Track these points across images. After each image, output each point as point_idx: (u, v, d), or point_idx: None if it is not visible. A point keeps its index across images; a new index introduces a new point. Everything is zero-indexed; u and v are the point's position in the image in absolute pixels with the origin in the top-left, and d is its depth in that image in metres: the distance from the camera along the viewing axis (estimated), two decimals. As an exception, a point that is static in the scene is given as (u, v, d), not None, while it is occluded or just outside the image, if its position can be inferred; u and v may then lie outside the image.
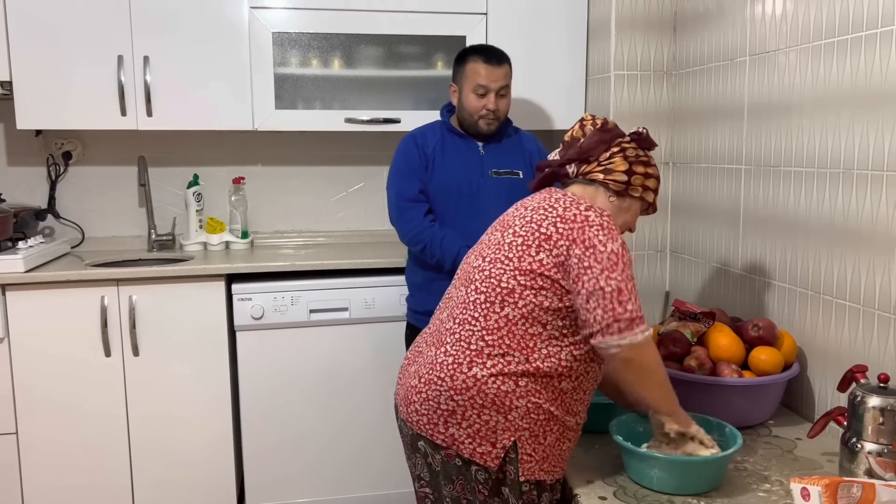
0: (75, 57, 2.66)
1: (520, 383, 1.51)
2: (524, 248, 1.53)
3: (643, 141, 1.66)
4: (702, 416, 1.71)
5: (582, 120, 1.70)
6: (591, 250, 1.48)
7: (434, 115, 2.55)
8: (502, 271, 1.54)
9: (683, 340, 1.98)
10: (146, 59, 2.71)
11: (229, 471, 2.73)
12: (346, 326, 2.73)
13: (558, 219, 1.53)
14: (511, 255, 1.55)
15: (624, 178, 1.61)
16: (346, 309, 2.72)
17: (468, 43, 2.83)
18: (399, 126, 2.87)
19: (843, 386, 1.63)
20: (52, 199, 3.04)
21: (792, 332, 2.02)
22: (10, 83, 2.64)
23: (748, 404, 1.88)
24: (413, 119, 2.83)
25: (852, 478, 1.42)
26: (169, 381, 2.63)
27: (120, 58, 2.69)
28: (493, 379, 1.51)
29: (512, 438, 1.51)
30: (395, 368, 2.58)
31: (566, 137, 1.70)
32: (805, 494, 1.28)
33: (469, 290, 1.59)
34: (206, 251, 3.02)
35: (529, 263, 1.52)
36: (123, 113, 2.72)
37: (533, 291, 1.51)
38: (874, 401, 1.50)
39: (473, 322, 1.55)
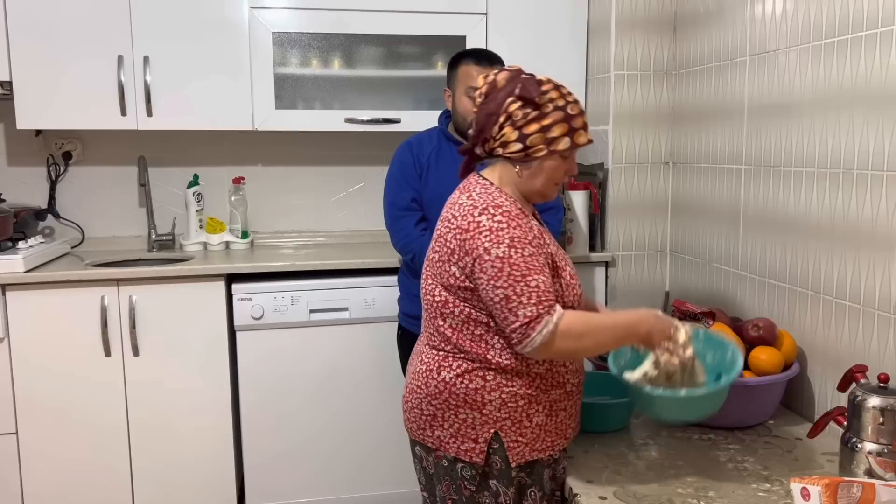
0: (75, 56, 2.66)
1: (487, 377, 1.53)
2: (440, 264, 1.55)
3: (522, 96, 1.48)
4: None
5: (476, 89, 1.57)
6: (478, 260, 1.46)
7: (434, 115, 2.54)
8: (433, 286, 1.57)
9: (683, 340, 1.98)
10: (146, 59, 2.70)
11: (229, 470, 2.73)
12: (346, 326, 2.73)
13: (457, 230, 1.51)
14: (434, 272, 1.57)
15: (519, 146, 1.50)
16: (346, 309, 2.72)
17: (468, 43, 2.84)
18: (399, 126, 2.87)
19: (843, 386, 1.63)
20: (52, 199, 3.04)
21: (792, 332, 2.02)
22: (10, 83, 2.64)
23: (748, 404, 1.88)
24: (413, 119, 2.84)
25: (852, 478, 1.42)
26: (169, 381, 2.63)
27: (120, 58, 2.69)
28: (460, 379, 1.53)
29: (491, 430, 1.53)
30: (395, 368, 2.59)
31: None
32: (805, 494, 1.28)
33: (422, 306, 1.64)
34: (206, 251, 3.02)
35: (447, 279, 1.53)
36: (123, 113, 2.72)
37: (462, 300, 1.53)
38: (874, 401, 1.50)
39: (431, 335, 1.60)
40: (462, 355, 1.54)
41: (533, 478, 1.58)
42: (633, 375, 1.60)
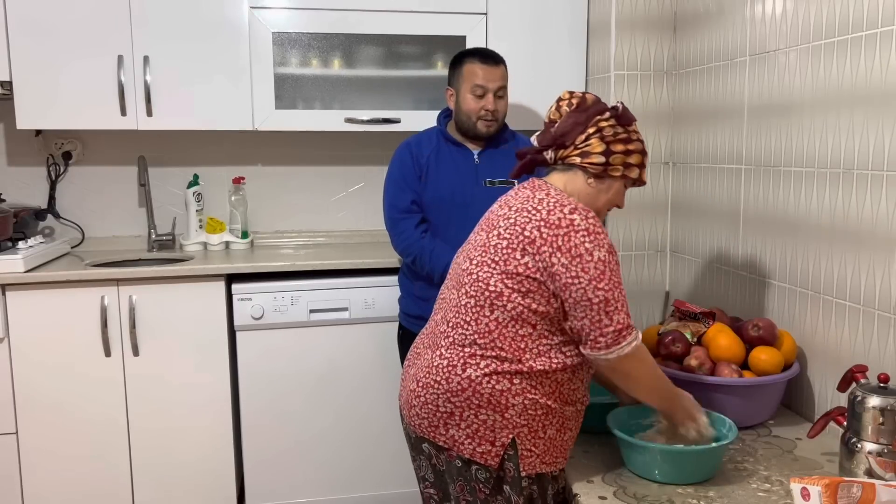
0: (75, 56, 2.66)
1: (514, 381, 1.52)
2: (509, 251, 1.52)
3: (622, 117, 1.59)
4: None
5: (559, 100, 1.64)
6: (578, 259, 1.46)
7: (434, 115, 2.54)
8: (489, 274, 1.54)
9: (683, 340, 1.98)
10: (146, 58, 2.70)
11: (229, 470, 2.73)
12: (346, 326, 2.73)
13: (542, 223, 1.50)
14: (497, 259, 1.53)
15: (601, 159, 1.56)
16: (346, 309, 2.72)
17: (468, 43, 2.84)
18: (399, 126, 2.87)
19: (843, 386, 1.63)
20: (52, 199, 3.04)
21: (792, 332, 2.02)
22: (10, 83, 2.64)
23: (748, 404, 1.88)
24: (413, 119, 2.84)
25: (852, 478, 1.42)
26: (169, 381, 2.63)
27: (120, 58, 2.69)
28: (486, 379, 1.52)
29: (510, 436, 1.52)
30: (395, 368, 2.58)
31: (545, 119, 1.66)
32: (805, 494, 1.28)
33: (460, 294, 1.59)
34: (206, 251, 3.02)
35: (515, 267, 1.51)
36: (123, 113, 2.72)
37: (520, 294, 1.51)
38: (874, 401, 1.50)
39: (465, 325, 1.55)
40: (492, 354, 1.52)
41: (539, 492, 1.57)
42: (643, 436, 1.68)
